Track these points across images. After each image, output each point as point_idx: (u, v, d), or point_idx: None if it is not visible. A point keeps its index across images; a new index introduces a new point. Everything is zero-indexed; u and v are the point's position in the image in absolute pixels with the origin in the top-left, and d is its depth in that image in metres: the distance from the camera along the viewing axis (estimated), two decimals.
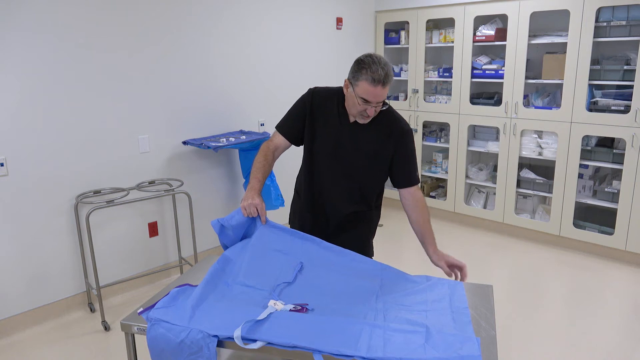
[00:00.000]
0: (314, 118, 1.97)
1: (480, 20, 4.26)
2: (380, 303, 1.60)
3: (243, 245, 1.85)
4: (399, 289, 1.70)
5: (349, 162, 1.96)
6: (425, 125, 4.89)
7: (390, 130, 1.93)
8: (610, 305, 3.14)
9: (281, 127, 2.05)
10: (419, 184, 2.03)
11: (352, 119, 1.93)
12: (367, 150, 1.94)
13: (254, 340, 1.40)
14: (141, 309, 1.54)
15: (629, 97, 3.53)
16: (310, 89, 2.02)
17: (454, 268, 1.89)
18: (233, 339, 1.40)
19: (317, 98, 1.98)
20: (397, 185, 2.00)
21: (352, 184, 1.99)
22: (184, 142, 3.47)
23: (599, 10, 3.51)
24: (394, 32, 4.85)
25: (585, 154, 3.83)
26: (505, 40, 4.03)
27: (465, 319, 1.51)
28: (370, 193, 2.05)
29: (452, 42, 4.37)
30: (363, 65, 1.76)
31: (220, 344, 1.43)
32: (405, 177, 1.98)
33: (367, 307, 1.58)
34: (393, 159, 1.97)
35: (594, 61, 3.71)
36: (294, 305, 1.56)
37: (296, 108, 2.03)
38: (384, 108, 1.87)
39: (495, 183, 4.36)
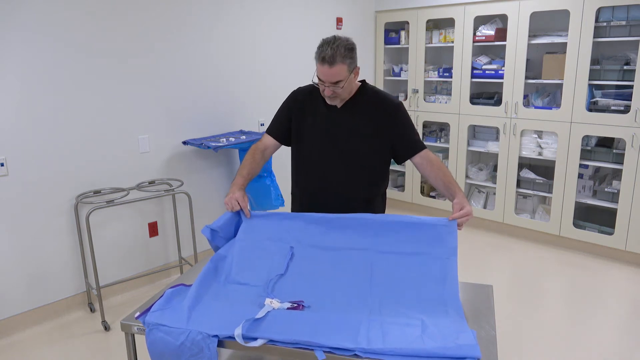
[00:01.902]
0: (301, 115, 2.03)
1: (480, 20, 4.26)
2: (376, 298, 1.60)
3: (233, 241, 1.87)
4: (391, 276, 1.68)
5: (347, 146, 1.96)
6: (425, 125, 4.89)
7: (380, 108, 1.96)
8: (610, 305, 3.14)
9: (270, 129, 2.13)
10: (427, 149, 2.00)
11: (339, 105, 1.96)
12: (363, 131, 1.95)
13: (255, 339, 1.40)
14: (138, 313, 1.54)
15: (628, 97, 3.53)
16: (295, 90, 2.10)
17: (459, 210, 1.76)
18: (233, 338, 1.40)
19: (300, 96, 2.06)
20: (406, 155, 2.00)
21: (354, 168, 1.99)
22: (184, 142, 3.47)
23: (599, 10, 3.51)
24: (394, 32, 4.85)
25: (585, 154, 3.83)
26: (505, 40, 4.03)
27: (459, 314, 1.51)
28: (375, 176, 2.04)
29: (452, 42, 4.37)
30: (319, 45, 1.84)
31: (220, 343, 1.43)
32: (410, 145, 1.98)
33: (363, 302, 1.58)
34: (392, 134, 1.97)
35: (594, 61, 3.71)
36: (290, 304, 1.56)
37: (281, 110, 2.11)
38: (339, 89, 1.85)
39: (495, 183, 4.36)
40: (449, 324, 1.45)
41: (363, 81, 2.01)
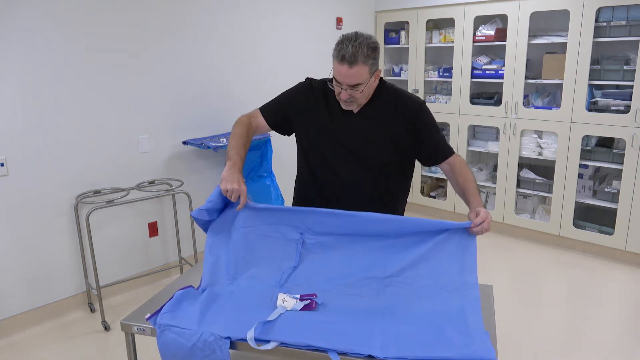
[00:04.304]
0: (312, 114, 1.82)
1: (480, 20, 4.26)
2: (390, 298, 1.57)
3: (234, 230, 1.73)
4: (404, 272, 1.62)
5: (367, 154, 1.78)
6: None
7: (401, 110, 1.75)
8: (610, 305, 3.14)
9: (267, 112, 1.90)
10: (455, 153, 1.82)
11: (356, 110, 1.77)
12: (384, 137, 1.76)
13: (267, 341, 1.40)
14: (148, 314, 1.53)
15: (629, 97, 3.53)
16: (308, 80, 1.87)
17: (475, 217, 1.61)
18: (245, 340, 1.39)
19: (314, 92, 1.83)
20: (431, 162, 1.83)
21: (375, 180, 1.81)
22: (184, 142, 3.47)
23: (599, 10, 3.51)
24: (394, 32, 4.85)
25: (585, 154, 3.83)
26: (505, 40, 4.03)
27: (477, 318, 1.48)
28: (397, 190, 1.89)
29: (452, 42, 4.37)
30: (338, 42, 1.64)
31: (232, 345, 1.42)
32: (435, 151, 1.80)
33: (376, 301, 1.55)
34: (418, 138, 1.77)
35: (594, 61, 3.71)
36: (302, 302, 1.54)
37: (288, 98, 1.87)
38: (357, 93, 1.67)
39: (495, 183, 4.36)
40: (464, 328, 1.42)
41: (381, 79, 1.80)
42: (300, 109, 1.84)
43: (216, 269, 1.70)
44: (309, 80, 1.87)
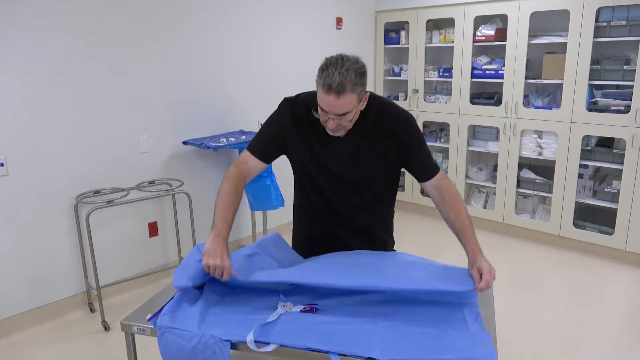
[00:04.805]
0: (300, 139, 1.73)
1: (480, 20, 4.26)
2: (391, 304, 1.57)
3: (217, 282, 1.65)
4: (407, 292, 1.62)
5: (355, 176, 1.73)
6: (425, 125, 4.89)
7: (389, 124, 1.67)
8: (610, 305, 3.14)
9: (257, 150, 1.75)
10: (440, 171, 1.73)
11: (343, 134, 1.68)
12: (373, 156, 1.70)
13: (267, 343, 1.40)
14: (149, 315, 1.53)
15: (629, 97, 3.53)
16: (286, 100, 1.74)
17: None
18: (245, 342, 1.39)
19: (297, 113, 1.71)
20: (418, 180, 1.76)
21: (364, 196, 1.78)
22: (184, 142, 3.47)
23: (599, 10, 3.51)
24: (394, 32, 4.85)
25: (585, 154, 3.83)
26: (505, 40, 4.03)
27: (477, 319, 1.49)
28: (388, 200, 1.86)
29: (452, 42, 4.37)
30: (322, 67, 1.50)
31: (232, 345, 1.42)
32: (420, 169, 1.72)
33: (377, 307, 1.56)
34: (404, 154, 1.70)
35: (594, 61, 3.71)
36: (303, 306, 1.55)
37: (274, 128, 1.75)
38: (345, 122, 1.58)
39: (495, 183, 4.36)
40: (466, 331, 1.43)
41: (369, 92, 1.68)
42: (289, 133, 1.73)
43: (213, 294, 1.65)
44: (287, 101, 1.75)
